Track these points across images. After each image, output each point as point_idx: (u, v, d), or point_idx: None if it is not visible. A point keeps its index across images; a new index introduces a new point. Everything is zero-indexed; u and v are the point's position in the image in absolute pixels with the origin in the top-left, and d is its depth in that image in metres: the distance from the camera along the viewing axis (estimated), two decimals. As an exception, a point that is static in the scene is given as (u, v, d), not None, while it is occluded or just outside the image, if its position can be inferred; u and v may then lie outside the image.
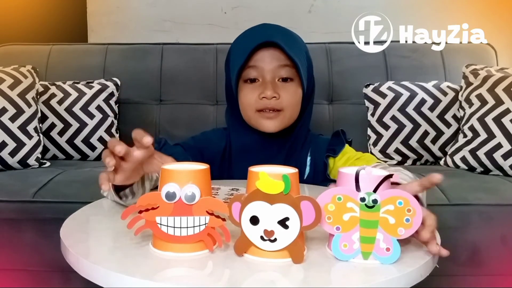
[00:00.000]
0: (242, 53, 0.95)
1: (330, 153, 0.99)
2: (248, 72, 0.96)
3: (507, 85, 1.48)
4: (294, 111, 0.99)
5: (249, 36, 0.99)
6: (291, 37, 0.99)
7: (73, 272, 0.55)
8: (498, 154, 1.43)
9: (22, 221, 1.23)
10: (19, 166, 1.48)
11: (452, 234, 1.20)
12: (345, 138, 1.02)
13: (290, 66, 0.96)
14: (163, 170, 0.56)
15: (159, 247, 0.57)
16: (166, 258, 0.55)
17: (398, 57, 1.79)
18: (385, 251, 0.54)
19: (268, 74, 0.96)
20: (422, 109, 1.60)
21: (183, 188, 0.54)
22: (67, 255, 0.58)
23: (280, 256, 0.54)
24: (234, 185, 0.92)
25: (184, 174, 0.55)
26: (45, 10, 2.05)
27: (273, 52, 0.95)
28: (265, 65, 0.95)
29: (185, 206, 0.55)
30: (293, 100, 0.97)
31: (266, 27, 1.01)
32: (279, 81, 0.97)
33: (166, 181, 0.55)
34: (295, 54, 0.95)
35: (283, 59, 0.95)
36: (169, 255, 0.56)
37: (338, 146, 1.00)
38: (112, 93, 1.68)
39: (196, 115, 1.75)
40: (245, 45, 0.96)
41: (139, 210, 0.55)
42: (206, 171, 0.57)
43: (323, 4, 2.04)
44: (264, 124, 0.97)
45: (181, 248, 0.56)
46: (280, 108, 0.96)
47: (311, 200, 0.52)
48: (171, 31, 2.07)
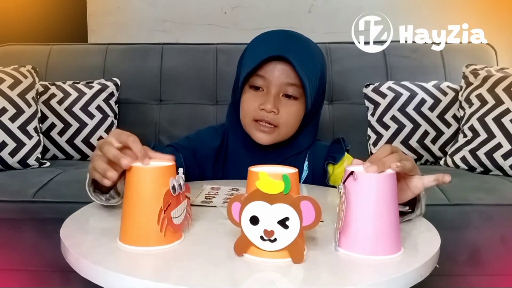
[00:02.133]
0: (253, 59, 0.93)
1: (330, 160, 0.98)
2: (255, 79, 0.95)
3: (507, 85, 1.48)
4: (290, 129, 0.97)
5: (265, 43, 0.96)
6: (307, 53, 0.95)
7: (73, 272, 0.55)
8: (498, 154, 1.43)
9: (22, 221, 1.23)
10: (19, 166, 1.48)
11: (452, 234, 1.20)
12: (345, 146, 1.01)
13: (298, 85, 0.93)
14: (137, 169, 0.58)
15: (130, 242, 0.58)
16: (166, 258, 0.55)
17: (398, 57, 1.79)
18: (334, 238, 0.58)
19: (273, 88, 0.94)
20: (422, 109, 1.60)
21: (176, 180, 0.58)
22: (67, 255, 0.58)
23: (280, 256, 0.54)
24: (234, 185, 0.92)
25: (169, 169, 0.59)
26: (45, 10, 2.04)
27: (284, 67, 0.92)
28: (272, 78, 0.93)
29: (178, 196, 0.59)
30: (291, 119, 0.96)
31: (285, 37, 0.97)
32: (283, 96, 0.95)
33: (149, 179, 0.57)
34: (307, 73, 0.92)
35: (292, 77, 0.93)
36: (167, 254, 0.56)
37: (338, 153, 0.99)
38: (112, 93, 1.68)
39: (196, 115, 1.75)
40: (259, 51, 0.94)
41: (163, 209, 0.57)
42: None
43: (323, 4, 2.04)
44: (258, 136, 0.96)
45: (159, 240, 0.57)
46: (276, 124, 0.94)
47: (311, 200, 0.52)
48: (171, 31, 2.07)
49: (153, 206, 0.56)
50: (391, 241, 0.57)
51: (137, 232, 0.57)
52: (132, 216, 0.58)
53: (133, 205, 0.57)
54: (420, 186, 0.65)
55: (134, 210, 0.58)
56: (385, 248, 0.56)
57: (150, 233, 0.57)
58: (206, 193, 0.86)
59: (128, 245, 0.58)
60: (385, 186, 0.56)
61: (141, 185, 0.57)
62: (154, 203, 0.56)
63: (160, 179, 0.57)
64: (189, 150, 1.01)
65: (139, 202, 0.57)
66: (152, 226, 0.56)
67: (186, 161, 0.93)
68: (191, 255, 0.57)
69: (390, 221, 0.57)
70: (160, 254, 0.56)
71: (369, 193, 0.56)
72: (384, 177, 0.57)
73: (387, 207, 0.56)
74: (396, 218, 0.58)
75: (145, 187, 0.57)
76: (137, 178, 0.57)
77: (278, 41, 0.96)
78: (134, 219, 0.58)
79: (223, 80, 1.75)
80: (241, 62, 1.01)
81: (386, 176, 0.57)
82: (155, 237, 0.57)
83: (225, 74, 1.73)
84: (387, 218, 0.56)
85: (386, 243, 0.56)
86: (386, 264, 0.55)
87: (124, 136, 0.64)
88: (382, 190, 0.56)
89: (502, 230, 1.22)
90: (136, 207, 0.57)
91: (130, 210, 0.58)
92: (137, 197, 0.57)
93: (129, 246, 0.58)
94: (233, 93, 1.04)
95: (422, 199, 0.70)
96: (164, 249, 0.57)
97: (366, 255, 0.56)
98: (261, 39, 0.99)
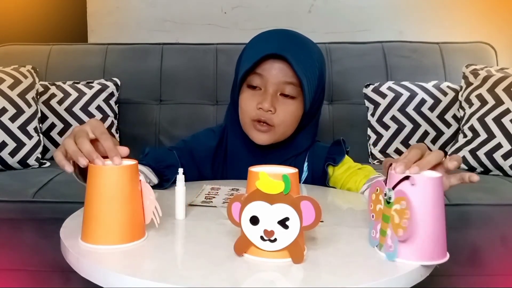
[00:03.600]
0: (251, 58, 0.93)
1: (330, 162, 0.98)
2: (252, 78, 0.94)
3: (507, 85, 1.48)
4: (287, 128, 0.97)
5: (264, 41, 0.96)
6: (305, 52, 0.95)
7: (73, 272, 0.55)
8: (498, 154, 1.43)
9: (22, 221, 1.23)
10: (19, 166, 1.48)
11: (452, 234, 1.19)
12: (345, 147, 1.01)
13: (296, 84, 0.93)
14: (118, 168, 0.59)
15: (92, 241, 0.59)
16: (166, 258, 0.55)
17: (398, 57, 1.79)
18: (389, 247, 0.55)
19: (271, 87, 0.93)
20: (422, 109, 1.60)
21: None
22: (67, 255, 0.58)
23: (280, 256, 0.54)
24: (234, 185, 0.92)
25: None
26: (45, 10, 2.04)
27: (282, 66, 0.92)
28: (270, 77, 0.93)
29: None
30: (288, 118, 0.95)
31: (284, 36, 0.97)
32: (280, 95, 0.94)
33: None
34: (305, 72, 0.92)
35: (289, 76, 0.93)
36: (167, 254, 0.55)
37: (338, 155, 0.99)
38: (112, 93, 1.68)
39: (196, 115, 1.75)
40: (257, 50, 0.94)
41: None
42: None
43: (323, 4, 2.04)
44: (255, 136, 0.96)
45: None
46: (272, 123, 0.94)
47: (311, 200, 0.52)
48: (171, 31, 2.07)
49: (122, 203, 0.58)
50: (443, 244, 0.56)
51: (104, 230, 0.58)
52: (104, 214, 0.58)
53: (98, 203, 0.58)
54: (447, 185, 0.66)
55: (98, 208, 0.58)
56: (440, 253, 0.56)
57: (114, 230, 0.58)
58: (206, 193, 0.86)
59: (93, 244, 0.58)
60: (440, 189, 0.55)
61: (113, 184, 0.58)
62: (121, 200, 0.58)
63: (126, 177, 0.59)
64: (185, 151, 1.01)
65: (110, 200, 0.58)
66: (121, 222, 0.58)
67: (183, 162, 0.93)
68: (191, 255, 0.58)
69: (443, 225, 0.56)
70: (160, 254, 0.56)
71: (429, 197, 0.54)
72: (438, 180, 0.55)
73: (441, 211, 0.56)
74: (444, 221, 0.57)
75: (118, 185, 0.58)
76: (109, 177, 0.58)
77: (276, 40, 0.95)
78: (107, 217, 0.58)
79: (223, 80, 1.75)
80: (239, 62, 1.01)
81: (438, 179, 0.55)
82: (121, 234, 0.59)
83: (225, 74, 1.73)
84: (442, 222, 0.56)
85: (440, 248, 0.56)
86: (386, 264, 0.55)
87: (98, 131, 0.64)
88: (437, 193, 0.55)
89: (502, 230, 1.22)
90: (106, 204, 0.58)
91: (98, 208, 0.58)
92: (108, 195, 0.58)
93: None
94: (231, 93, 1.04)
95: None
96: (164, 249, 0.57)
97: (426, 261, 0.54)
98: (259, 38, 0.98)
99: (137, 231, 0.60)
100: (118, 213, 0.58)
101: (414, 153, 0.60)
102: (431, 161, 0.60)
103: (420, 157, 0.60)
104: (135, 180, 0.60)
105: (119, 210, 0.58)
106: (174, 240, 0.64)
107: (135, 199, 0.59)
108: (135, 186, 0.60)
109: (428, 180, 0.54)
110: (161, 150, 1.00)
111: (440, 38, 1.86)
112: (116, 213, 0.58)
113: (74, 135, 0.63)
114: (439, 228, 0.55)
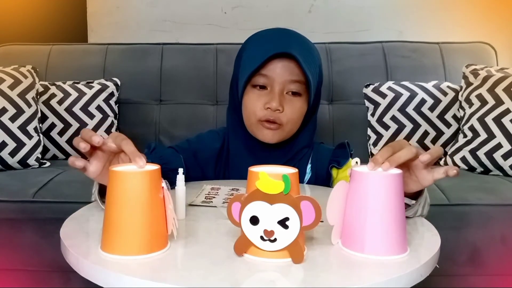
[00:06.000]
0: (255, 59, 0.93)
1: (335, 164, 0.98)
2: (258, 79, 0.94)
3: (507, 85, 1.48)
4: (294, 126, 0.98)
5: (266, 41, 0.96)
6: (308, 50, 0.95)
7: (73, 272, 0.55)
8: (498, 154, 1.43)
9: (22, 221, 1.23)
10: (19, 166, 1.48)
11: (452, 234, 1.20)
12: (350, 150, 1.01)
13: (301, 82, 0.94)
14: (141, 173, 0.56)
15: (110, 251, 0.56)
16: (165, 258, 0.55)
17: (398, 57, 1.79)
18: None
19: (277, 86, 0.93)
20: (422, 109, 1.60)
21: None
22: (67, 255, 0.58)
23: (280, 256, 0.54)
24: (234, 185, 0.92)
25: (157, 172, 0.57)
26: (45, 10, 2.04)
27: (288, 64, 0.92)
28: (276, 76, 0.93)
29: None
30: (295, 115, 0.96)
31: (285, 34, 0.97)
32: (287, 94, 0.95)
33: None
34: (309, 69, 0.92)
35: (295, 74, 0.93)
36: (167, 254, 0.56)
37: (343, 158, 0.99)
38: (112, 93, 1.68)
39: (196, 115, 1.75)
40: (260, 51, 0.93)
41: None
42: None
43: (323, 4, 2.04)
44: (264, 134, 0.96)
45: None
46: (280, 122, 0.94)
47: (311, 200, 0.52)
48: (171, 31, 2.07)
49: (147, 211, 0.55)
50: (397, 241, 0.57)
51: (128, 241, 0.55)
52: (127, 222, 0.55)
53: (121, 211, 0.55)
54: (430, 179, 0.66)
55: (119, 216, 0.55)
56: (391, 248, 0.56)
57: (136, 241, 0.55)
58: (206, 193, 0.86)
59: (115, 254, 0.55)
60: (391, 185, 0.56)
61: (133, 190, 0.54)
62: (145, 208, 0.55)
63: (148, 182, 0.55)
64: (189, 152, 1.01)
65: (134, 208, 0.54)
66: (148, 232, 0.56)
67: (186, 162, 0.93)
68: (191, 255, 0.58)
69: (397, 220, 0.56)
70: (160, 255, 0.56)
71: (371, 192, 0.56)
72: (391, 177, 0.56)
73: (394, 207, 0.56)
74: (402, 218, 0.57)
75: (139, 191, 0.55)
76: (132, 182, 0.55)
77: (279, 39, 0.95)
78: (128, 225, 0.55)
79: (223, 80, 1.75)
80: (239, 62, 1.00)
81: (393, 176, 0.56)
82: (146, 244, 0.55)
83: (225, 74, 1.73)
84: (394, 218, 0.56)
85: (392, 243, 0.56)
86: (386, 264, 0.55)
87: (119, 138, 0.64)
88: (385, 188, 0.56)
89: (502, 230, 1.22)
90: (131, 213, 0.54)
91: (119, 217, 0.55)
92: (130, 203, 0.54)
93: (116, 256, 0.55)
94: (231, 94, 1.03)
95: (426, 193, 0.72)
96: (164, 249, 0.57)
97: (371, 254, 0.56)
98: (259, 38, 0.98)
99: (160, 241, 0.57)
100: (140, 221, 0.55)
101: (385, 150, 0.61)
102: (402, 156, 0.61)
103: (392, 153, 0.61)
104: (157, 186, 0.56)
105: (140, 218, 0.54)
106: (174, 240, 0.64)
107: (158, 207, 0.56)
108: (157, 192, 0.56)
109: (368, 175, 0.57)
110: (168, 151, 1.00)
111: (440, 38, 1.86)
112: (138, 221, 0.55)
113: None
114: (390, 223, 0.56)
